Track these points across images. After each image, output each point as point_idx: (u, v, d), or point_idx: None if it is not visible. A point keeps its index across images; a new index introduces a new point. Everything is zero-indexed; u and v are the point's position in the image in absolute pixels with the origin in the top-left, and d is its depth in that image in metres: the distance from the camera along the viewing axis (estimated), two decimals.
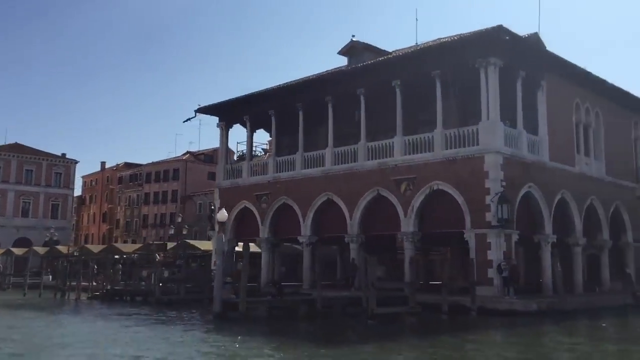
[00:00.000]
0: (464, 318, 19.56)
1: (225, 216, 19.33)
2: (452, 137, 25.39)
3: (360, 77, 28.93)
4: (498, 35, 23.76)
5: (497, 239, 23.36)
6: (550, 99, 27.34)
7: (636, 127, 34.35)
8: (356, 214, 28.13)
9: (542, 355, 13.86)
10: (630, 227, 32.27)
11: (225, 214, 19.51)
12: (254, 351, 13.29)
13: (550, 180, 26.60)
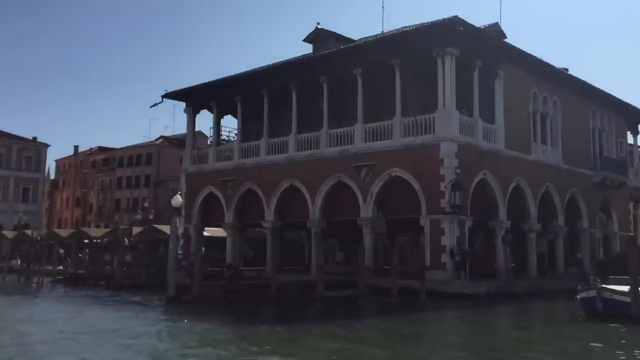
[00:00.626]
0: (412, 301, 20.21)
1: (180, 201, 19.63)
2: (410, 125, 25.93)
3: (323, 65, 29.26)
4: (454, 26, 24.23)
5: (451, 224, 24.04)
6: (508, 88, 27.97)
7: (594, 116, 35.21)
8: (318, 200, 28.63)
9: (438, 330, 14.57)
10: (586, 213, 33.26)
11: (179, 199, 19.81)
12: (180, 331, 13.75)
13: (505, 168, 27.31)
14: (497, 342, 13.36)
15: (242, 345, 11.91)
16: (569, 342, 13.15)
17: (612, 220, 36.29)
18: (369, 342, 12.61)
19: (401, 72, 26.51)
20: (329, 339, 12.59)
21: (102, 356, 10.59)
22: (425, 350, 11.83)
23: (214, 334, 13.23)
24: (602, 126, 36.05)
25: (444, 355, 11.48)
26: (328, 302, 18.40)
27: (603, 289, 15.49)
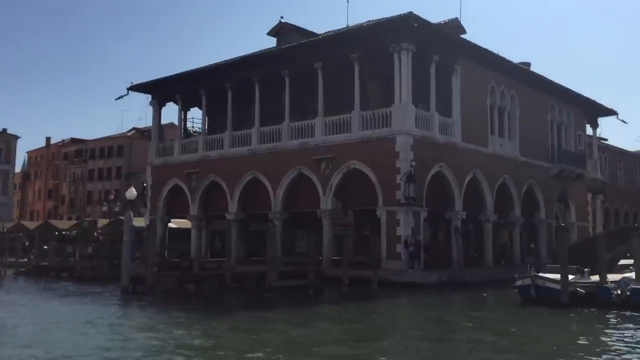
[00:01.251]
0: (363, 290, 20.83)
1: (134, 194, 19.92)
2: (368, 119, 26.48)
3: (285, 59, 29.63)
4: (409, 22, 24.74)
5: (406, 216, 24.69)
6: (465, 82, 28.63)
7: (552, 110, 36.11)
8: (279, 192, 29.10)
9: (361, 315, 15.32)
10: (543, 205, 34.21)
11: (133, 192, 20.09)
12: (115, 319, 14.23)
13: (462, 160, 28.02)
14: (409, 326, 14.00)
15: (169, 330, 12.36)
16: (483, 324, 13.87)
17: (570, 211, 37.33)
18: (277, 328, 13.06)
19: (360, 66, 27.01)
20: (244, 325, 13.14)
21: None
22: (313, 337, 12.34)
23: (147, 322, 13.61)
24: (561, 120, 36.98)
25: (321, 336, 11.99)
26: (279, 292, 18.91)
27: (536, 277, 16.24)
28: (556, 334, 12.48)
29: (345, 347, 10.73)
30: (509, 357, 10.06)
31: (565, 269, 15.94)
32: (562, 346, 11.08)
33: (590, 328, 13.43)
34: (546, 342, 11.44)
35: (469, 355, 10.29)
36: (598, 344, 11.48)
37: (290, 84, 29.50)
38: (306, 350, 10.27)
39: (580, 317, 14.71)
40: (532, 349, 10.86)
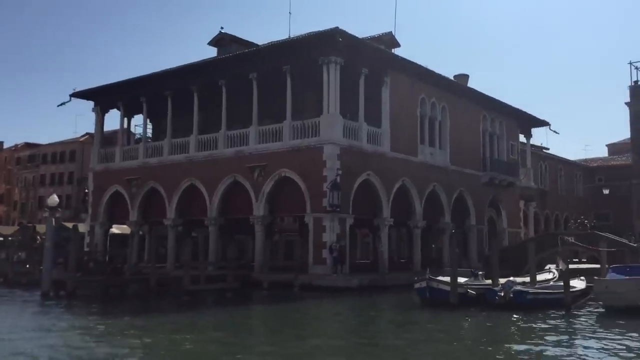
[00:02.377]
0: (281, 294, 21.73)
1: (56, 201, 20.36)
2: (299, 128, 27.49)
3: (221, 69, 30.47)
4: (334, 36, 25.85)
5: (331, 222, 25.73)
6: (395, 94, 29.90)
7: (485, 120, 37.73)
8: (215, 199, 29.85)
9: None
10: (473, 211, 35.74)
11: (55, 199, 20.54)
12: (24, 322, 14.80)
13: (390, 169, 29.22)
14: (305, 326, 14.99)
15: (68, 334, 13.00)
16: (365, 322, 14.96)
17: (502, 217, 39.02)
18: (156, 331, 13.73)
19: (292, 77, 28.00)
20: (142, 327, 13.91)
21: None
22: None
23: (44, 324, 14.13)
24: (493, 130, 38.63)
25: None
26: (198, 295, 19.67)
27: (431, 280, 17.40)
28: (415, 331, 13.72)
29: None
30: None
31: (455, 272, 17.16)
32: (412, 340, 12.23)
33: (449, 324, 14.73)
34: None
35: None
36: (443, 339, 12.70)
37: (227, 94, 30.32)
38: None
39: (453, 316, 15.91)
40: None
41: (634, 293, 14.99)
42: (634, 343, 11.89)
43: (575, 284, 18.34)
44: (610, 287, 15.56)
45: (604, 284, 15.90)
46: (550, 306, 16.44)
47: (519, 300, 16.31)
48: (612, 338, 12.43)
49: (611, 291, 15.46)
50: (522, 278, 19.54)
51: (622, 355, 10.72)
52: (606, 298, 15.90)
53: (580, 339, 12.75)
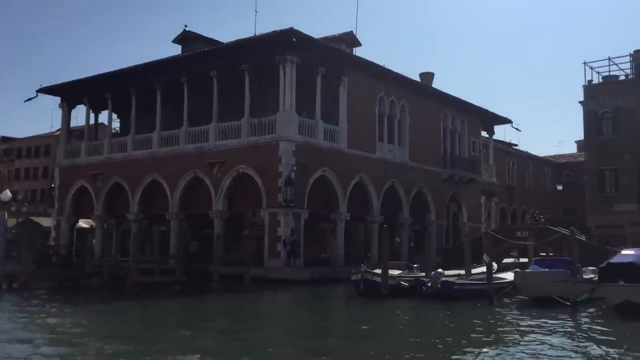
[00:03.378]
0: (230, 286, 22.51)
1: (8, 196, 20.95)
2: (256, 126, 28.22)
3: (183, 67, 31.07)
4: (289, 36, 26.58)
5: (286, 217, 26.55)
6: (353, 92, 30.68)
7: (445, 118, 38.67)
8: (176, 194, 30.52)
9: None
10: (433, 207, 36.72)
11: (8, 194, 21.17)
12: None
13: (347, 165, 30.05)
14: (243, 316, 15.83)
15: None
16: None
17: (463, 213, 40.08)
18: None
19: (250, 76, 28.71)
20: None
21: None
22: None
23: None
24: (455, 127, 39.60)
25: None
26: (146, 287, 20.38)
27: (365, 272, 18.29)
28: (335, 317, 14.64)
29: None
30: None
31: (386, 264, 18.07)
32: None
33: (373, 313, 15.79)
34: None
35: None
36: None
37: (189, 91, 30.94)
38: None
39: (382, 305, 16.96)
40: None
41: (547, 284, 15.96)
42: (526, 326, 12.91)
43: (506, 276, 19.33)
44: (527, 279, 16.54)
45: (521, 276, 16.89)
46: (476, 296, 17.38)
47: (446, 290, 17.24)
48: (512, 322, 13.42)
49: (527, 282, 16.44)
50: (458, 270, 20.47)
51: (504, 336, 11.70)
52: (524, 289, 16.90)
53: (477, 321, 13.79)
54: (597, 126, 35.86)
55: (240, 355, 10.08)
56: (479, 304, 16.53)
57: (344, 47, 33.76)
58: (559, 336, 11.90)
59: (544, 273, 16.56)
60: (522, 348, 10.58)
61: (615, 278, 14.45)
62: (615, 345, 11.00)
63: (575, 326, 13.44)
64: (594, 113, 35.91)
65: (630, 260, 14.79)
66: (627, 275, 14.25)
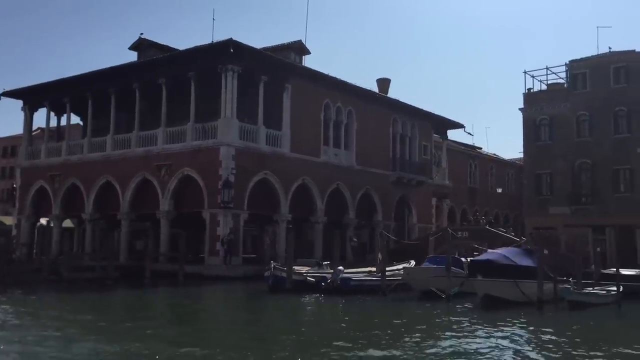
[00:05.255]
0: (162, 282, 24.07)
1: None
2: (200, 131, 29.78)
3: (134, 73, 32.60)
4: (228, 47, 28.15)
5: (225, 217, 28.12)
6: (297, 99, 32.26)
7: (395, 123, 40.29)
8: (127, 195, 32.03)
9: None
10: (380, 208, 38.35)
11: None
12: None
13: (289, 169, 31.61)
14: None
15: None
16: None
17: (412, 214, 41.75)
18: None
19: (196, 83, 30.27)
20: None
21: None
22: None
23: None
24: (405, 132, 41.20)
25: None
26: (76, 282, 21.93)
27: (275, 268, 19.89)
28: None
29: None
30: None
31: (291, 260, 19.68)
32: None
33: (262, 304, 17.41)
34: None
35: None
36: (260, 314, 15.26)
37: (141, 96, 32.48)
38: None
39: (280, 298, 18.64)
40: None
41: (427, 279, 17.59)
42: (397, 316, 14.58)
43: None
44: (410, 274, 18.17)
45: (407, 272, 18.52)
46: (373, 291, 19.02)
47: (344, 286, 18.86)
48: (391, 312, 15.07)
49: (411, 277, 18.06)
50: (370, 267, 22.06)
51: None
52: (411, 283, 18.52)
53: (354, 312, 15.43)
54: (535, 132, 37.59)
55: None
56: (367, 298, 18.18)
57: (293, 55, 35.37)
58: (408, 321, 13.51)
59: (423, 269, 18.19)
60: (373, 330, 12.18)
61: (476, 274, 16.10)
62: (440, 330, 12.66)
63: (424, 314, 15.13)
64: (532, 120, 37.65)
65: (488, 258, 16.43)
66: (485, 271, 15.89)
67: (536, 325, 13.79)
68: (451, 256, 18.28)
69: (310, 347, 10.60)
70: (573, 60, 36.48)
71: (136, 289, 22.25)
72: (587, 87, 35.87)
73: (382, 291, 18.41)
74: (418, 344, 11.11)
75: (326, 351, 10.05)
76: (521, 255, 17.46)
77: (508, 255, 16.99)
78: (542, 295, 15.83)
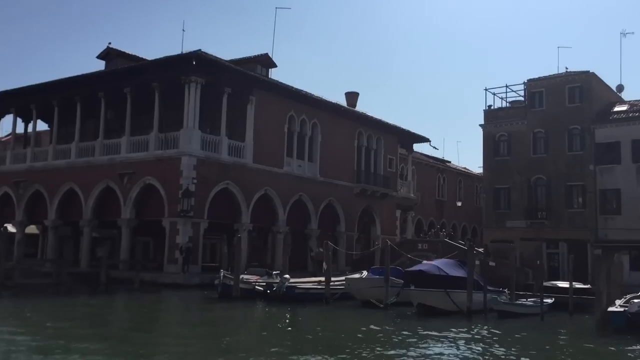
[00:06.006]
0: (115, 289, 24.45)
1: None
2: (163, 140, 30.28)
3: (100, 82, 33.03)
4: (191, 59, 28.76)
5: (184, 226, 28.59)
6: (261, 111, 32.92)
7: (361, 136, 41.15)
8: (90, 202, 32.34)
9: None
10: (343, 219, 39.07)
11: None
12: None
13: (252, 179, 32.19)
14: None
15: None
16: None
17: (376, 225, 42.54)
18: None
19: (160, 93, 30.79)
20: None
21: None
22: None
23: None
24: (370, 145, 42.06)
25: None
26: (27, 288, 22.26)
27: (224, 277, 20.44)
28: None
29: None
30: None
31: (238, 271, 20.27)
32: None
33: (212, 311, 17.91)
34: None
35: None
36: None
37: (106, 105, 32.91)
38: None
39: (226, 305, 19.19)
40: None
41: (367, 289, 18.28)
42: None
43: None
44: (351, 284, 18.85)
45: (348, 282, 19.21)
46: (316, 299, 19.65)
47: (289, 294, 19.47)
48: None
49: (352, 287, 18.74)
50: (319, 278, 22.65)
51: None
52: (353, 293, 19.19)
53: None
54: (494, 148, 38.66)
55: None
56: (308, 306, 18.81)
57: (259, 67, 36.04)
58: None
59: (363, 279, 18.90)
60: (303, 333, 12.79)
61: (409, 284, 16.82)
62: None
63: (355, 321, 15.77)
64: (492, 136, 38.74)
65: (421, 269, 17.18)
66: (417, 281, 16.61)
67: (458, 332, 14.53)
68: (391, 267, 18.98)
69: (226, 352, 11.18)
70: (531, 79, 37.70)
71: (84, 295, 22.56)
72: (544, 105, 37.06)
73: (325, 299, 19.04)
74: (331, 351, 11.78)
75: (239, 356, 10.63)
76: (453, 266, 18.25)
77: (440, 266, 17.77)
78: (471, 305, 16.58)
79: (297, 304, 18.82)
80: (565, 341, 14.79)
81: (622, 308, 14.94)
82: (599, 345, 13.87)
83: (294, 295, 19.39)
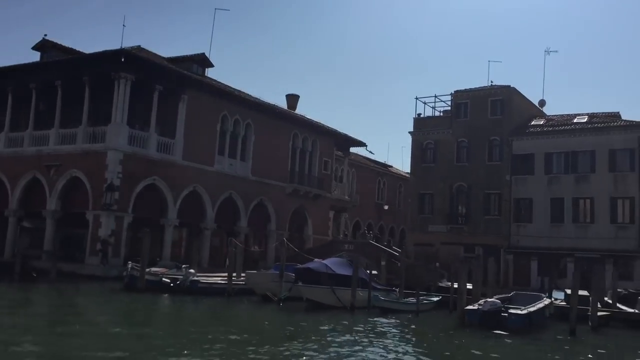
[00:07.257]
0: (31, 279, 24.86)
1: None
2: (91, 134, 30.70)
3: (32, 74, 33.18)
4: (120, 56, 29.32)
5: (107, 219, 29.11)
6: (193, 109, 33.61)
7: (296, 138, 42.24)
8: (16, 192, 32.46)
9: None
10: (274, 218, 40.09)
11: None
12: None
13: (180, 175, 32.86)
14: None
15: None
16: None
17: (308, 225, 43.73)
18: None
19: (91, 88, 31.19)
20: None
21: None
22: None
23: None
24: (305, 147, 43.20)
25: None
26: None
27: (131, 269, 21.22)
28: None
29: None
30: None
31: (144, 264, 21.09)
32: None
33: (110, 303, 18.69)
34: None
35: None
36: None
37: (39, 97, 33.07)
38: None
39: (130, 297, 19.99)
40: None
41: (264, 284, 19.38)
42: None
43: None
44: (250, 279, 19.93)
45: (248, 276, 20.30)
46: (219, 293, 20.64)
47: (192, 287, 20.41)
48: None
49: (251, 282, 19.81)
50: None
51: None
52: (252, 287, 20.28)
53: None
54: (422, 154, 40.41)
55: None
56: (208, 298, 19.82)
57: (195, 66, 36.76)
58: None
59: (261, 274, 20.01)
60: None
61: (298, 280, 18.00)
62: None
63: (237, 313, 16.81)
64: (420, 143, 40.48)
65: (309, 266, 18.38)
66: (305, 277, 17.80)
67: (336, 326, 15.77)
68: (289, 264, 20.13)
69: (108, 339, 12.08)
70: (457, 91, 39.58)
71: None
72: (468, 116, 38.97)
73: (227, 293, 20.03)
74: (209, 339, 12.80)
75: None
76: (342, 265, 19.54)
77: (329, 264, 19.02)
78: (354, 301, 17.86)
79: (199, 297, 19.75)
80: (416, 332, 16.18)
81: (478, 306, 16.46)
82: (444, 337, 15.37)
83: (197, 288, 20.32)
